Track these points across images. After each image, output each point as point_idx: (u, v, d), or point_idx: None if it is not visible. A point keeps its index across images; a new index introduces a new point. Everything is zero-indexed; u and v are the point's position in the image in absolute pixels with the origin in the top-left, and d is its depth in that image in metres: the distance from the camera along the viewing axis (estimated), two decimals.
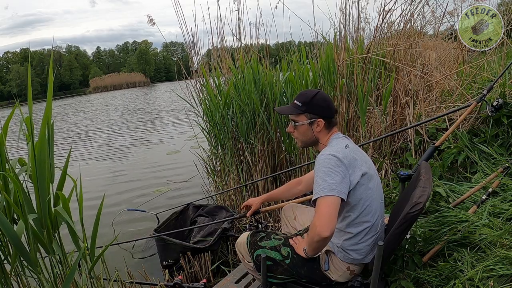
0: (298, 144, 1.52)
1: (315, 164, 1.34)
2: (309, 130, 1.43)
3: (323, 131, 1.43)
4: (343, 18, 3.05)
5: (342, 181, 1.26)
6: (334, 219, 1.22)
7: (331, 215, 1.21)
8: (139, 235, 3.27)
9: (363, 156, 1.41)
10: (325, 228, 1.19)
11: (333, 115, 1.43)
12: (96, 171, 6.18)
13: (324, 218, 1.21)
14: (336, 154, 1.30)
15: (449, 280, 1.39)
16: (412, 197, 1.34)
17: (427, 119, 2.45)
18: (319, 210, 1.23)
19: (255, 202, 1.91)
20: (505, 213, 1.53)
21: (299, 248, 1.46)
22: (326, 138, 1.43)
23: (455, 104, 2.69)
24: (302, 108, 1.41)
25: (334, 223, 1.21)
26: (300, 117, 1.43)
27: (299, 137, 1.47)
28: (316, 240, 1.24)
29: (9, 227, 1.37)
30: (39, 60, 51.60)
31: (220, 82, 3.36)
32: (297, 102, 1.43)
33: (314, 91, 1.43)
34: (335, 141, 1.40)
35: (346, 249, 1.39)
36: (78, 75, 56.48)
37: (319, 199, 1.25)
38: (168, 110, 14.99)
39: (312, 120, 1.41)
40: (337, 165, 1.28)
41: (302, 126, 1.43)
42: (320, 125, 1.41)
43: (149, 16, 3.44)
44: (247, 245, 1.55)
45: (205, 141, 3.74)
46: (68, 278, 1.48)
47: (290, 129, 1.49)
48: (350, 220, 1.37)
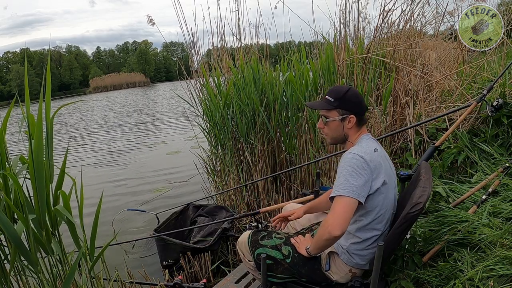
0: (327, 140, 1.50)
1: (341, 160, 1.33)
2: (340, 126, 1.40)
3: (353, 128, 1.40)
4: (343, 18, 3.06)
5: (364, 185, 1.26)
6: (348, 221, 1.22)
7: (346, 216, 1.21)
8: (139, 235, 3.27)
9: (389, 164, 1.41)
10: (337, 227, 1.19)
11: (364, 112, 1.42)
12: (96, 171, 6.18)
13: (339, 217, 1.21)
14: (364, 155, 1.29)
15: (449, 280, 1.39)
16: (412, 197, 1.34)
17: (427, 119, 2.45)
18: (335, 209, 1.23)
19: (298, 212, 1.70)
20: (505, 213, 1.53)
21: (301, 247, 1.46)
22: (356, 137, 1.41)
23: (455, 104, 2.69)
24: (334, 103, 1.38)
25: (347, 224, 1.21)
26: (331, 112, 1.40)
27: (329, 133, 1.44)
28: (325, 238, 1.24)
29: (9, 226, 1.37)
30: (39, 60, 51.57)
31: (220, 82, 3.36)
32: (329, 98, 1.40)
33: (346, 87, 1.41)
34: (365, 142, 1.38)
35: (352, 253, 1.39)
36: (78, 75, 56.41)
37: (338, 198, 1.24)
38: (168, 110, 14.99)
39: (344, 116, 1.38)
40: (362, 168, 1.27)
41: (333, 122, 1.40)
42: (351, 121, 1.38)
43: (149, 16, 3.44)
44: (248, 244, 1.55)
45: (205, 141, 3.74)
46: (68, 278, 1.48)
47: (320, 125, 1.46)
48: (361, 225, 1.36)
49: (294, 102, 3.19)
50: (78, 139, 9.89)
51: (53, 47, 58.08)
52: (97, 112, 17.75)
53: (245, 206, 3.30)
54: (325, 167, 3.14)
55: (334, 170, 3.06)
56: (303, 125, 3.32)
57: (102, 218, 1.67)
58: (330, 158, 3.04)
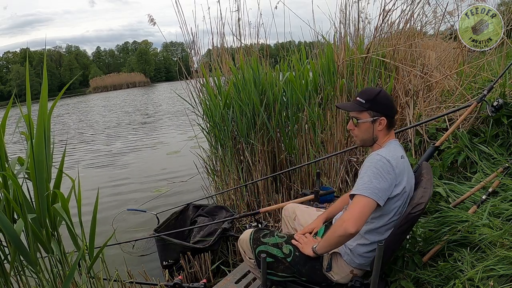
0: (356, 142, 1.51)
1: (367, 160, 1.34)
2: (371, 128, 1.40)
3: (383, 130, 1.41)
4: (343, 18, 3.06)
5: (387, 189, 1.27)
6: (364, 220, 1.23)
7: (363, 216, 1.22)
8: (139, 235, 3.27)
9: (411, 174, 1.42)
10: (353, 224, 1.20)
11: (394, 115, 1.43)
12: (96, 172, 6.18)
13: (356, 215, 1.22)
14: (391, 160, 1.30)
15: (449, 280, 1.39)
16: (413, 197, 1.34)
17: (427, 119, 2.44)
18: (354, 207, 1.24)
19: (317, 224, 1.63)
20: (505, 213, 1.53)
21: (305, 247, 1.45)
22: (384, 140, 1.42)
23: (455, 104, 2.69)
24: (366, 105, 1.38)
25: (363, 224, 1.22)
26: (362, 114, 1.40)
27: (359, 135, 1.45)
28: (338, 234, 1.24)
29: (8, 225, 1.37)
30: (39, 60, 51.52)
31: (220, 82, 3.36)
32: (360, 99, 1.40)
33: (377, 89, 1.42)
34: (393, 147, 1.39)
35: (356, 254, 1.39)
36: (78, 75, 56.41)
37: (358, 196, 1.25)
38: (168, 110, 14.98)
39: (375, 118, 1.39)
40: (388, 172, 1.28)
41: (364, 124, 1.40)
42: (382, 123, 1.39)
43: (149, 16, 3.44)
44: (250, 241, 1.55)
45: (205, 141, 3.73)
46: (68, 278, 1.48)
47: (351, 127, 1.46)
48: (372, 227, 1.37)
49: (294, 102, 3.19)
50: (77, 139, 9.89)
51: (53, 47, 58.18)
52: (96, 112, 17.75)
53: (245, 206, 3.30)
54: (325, 167, 3.14)
55: (334, 170, 3.07)
56: (303, 125, 3.32)
57: (102, 218, 1.68)
58: (330, 158, 3.05)
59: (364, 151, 2.93)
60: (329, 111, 3.07)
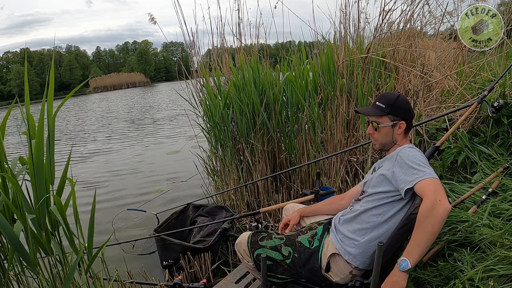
0: (375, 146, 1.53)
1: (400, 154, 1.36)
2: (390, 132, 1.45)
3: (402, 134, 1.45)
4: (343, 18, 3.06)
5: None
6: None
7: (443, 191, 1.19)
8: (139, 235, 3.27)
9: None
10: (444, 198, 1.17)
11: (412, 118, 1.47)
12: (96, 172, 6.17)
13: (441, 193, 1.18)
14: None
15: (449, 280, 1.39)
16: (414, 198, 1.34)
17: (427, 119, 2.44)
18: (429, 188, 1.20)
19: (293, 217, 1.73)
20: (505, 213, 1.53)
21: (400, 280, 1.21)
22: (402, 143, 1.46)
23: (455, 104, 2.69)
24: (386, 109, 1.43)
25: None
26: (382, 118, 1.45)
27: (379, 139, 1.48)
28: (441, 217, 1.16)
29: (7, 227, 1.37)
30: (39, 60, 51.62)
31: (220, 82, 3.36)
32: (380, 104, 1.44)
33: (395, 93, 1.46)
34: None
35: (361, 250, 1.38)
36: (78, 75, 56.43)
37: (426, 180, 1.22)
38: (168, 110, 14.98)
39: (395, 122, 1.43)
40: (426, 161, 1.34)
41: (384, 128, 1.45)
42: (401, 127, 1.44)
43: (150, 15, 3.43)
44: (247, 245, 1.55)
45: (205, 141, 3.73)
46: (68, 278, 1.48)
47: (370, 131, 1.50)
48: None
49: (294, 102, 3.19)
50: (77, 139, 9.88)
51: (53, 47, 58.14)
52: (96, 112, 17.74)
53: (245, 206, 3.31)
54: (325, 167, 3.13)
55: (334, 170, 3.06)
56: (303, 125, 3.32)
57: (102, 218, 1.68)
58: (330, 158, 3.04)
59: (364, 151, 2.93)
60: (329, 111, 3.07)
